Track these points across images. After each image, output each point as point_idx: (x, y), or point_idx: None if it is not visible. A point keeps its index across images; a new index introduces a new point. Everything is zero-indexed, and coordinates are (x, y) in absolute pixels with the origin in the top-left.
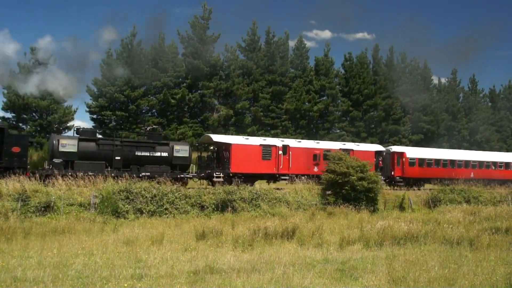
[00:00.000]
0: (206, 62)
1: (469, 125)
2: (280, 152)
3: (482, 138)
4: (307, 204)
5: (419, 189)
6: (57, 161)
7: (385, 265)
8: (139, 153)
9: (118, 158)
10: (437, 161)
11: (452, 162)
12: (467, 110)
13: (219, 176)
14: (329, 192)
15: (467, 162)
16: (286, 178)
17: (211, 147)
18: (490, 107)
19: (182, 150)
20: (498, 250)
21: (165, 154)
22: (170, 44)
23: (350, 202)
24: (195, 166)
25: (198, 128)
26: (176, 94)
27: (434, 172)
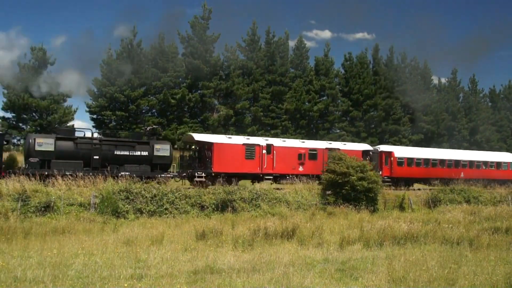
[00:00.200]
0: (206, 62)
1: (469, 125)
2: (264, 151)
3: (482, 138)
4: (307, 204)
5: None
6: (33, 160)
7: (385, 265)
8: (119, 152)
9: (97, 157)
10: (426, 160)
11: (442, 161)
12: (467, 110)
13: (201, 176)
14: (329, 192)
15: (457, 161)
16: (270, 178)
17: (193, 147)
18: (490, 107)
19: (163, 149)
20: (498, 250)
21: (145, 153)
22: (170, 44)
23: (350, 202)
24: (177, 166)
25: (198, 128)
26: (176, 94)
27: (423, 172)
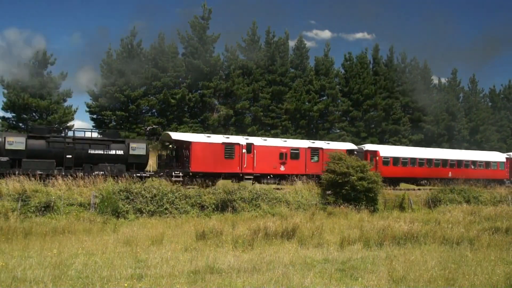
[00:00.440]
0: (206, 62)
1: (469, 125)
2: (244, 150)
3: (482, 138)
4: (307, 204)
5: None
6: (3, 159)
7: (385, 265)
8: (92, 151)
9: (70, 157)
10: (412, 160)
11: (429, 161)
12: (467, 110)
13: (178, 175)
14: (329, 192)
15: (445, 161)
16: (251, 177)
17: (170, 145)
18: (490, 107)
19: (139, 148)
20: (498, 250)
21: (120, 152)
22: (170, 44)
23: (350, 202)
24: (155, 165)
25: (198, 128)
26: (176, 94)
27: (409, 171)
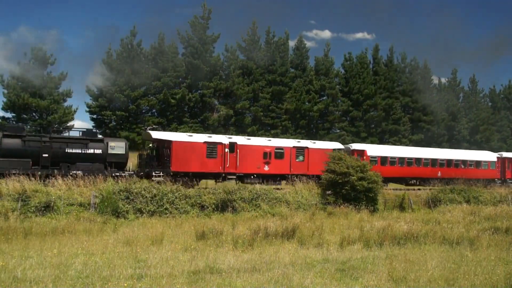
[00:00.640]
0: (206, 62)
1: (469, 125)
2: (226, 150)
3: (482, 138)
4: (307, 204)
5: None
6: None
7: (385, 265)
8: (70, 150)
9: (46, 156)
10: (401, 159)
11: (417, 160)
12: (467, 110)
13: (159, 175)
14: (329, 192)
15: (434, 160)
16: (234, 177)
17: (150, 145)
18: (490, 107)
19: (118, 147)
20: (498, 250)
21: (98, 151)
22: (170, 44)
23: (350, 202)
24: (134, 164)
25: (198, 128)
26: (176, 94)
27: (398, 171)
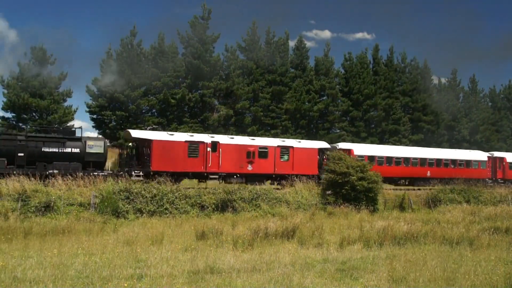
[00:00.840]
0: (206, 62)
1: (469, 125)
2: (208, 149)
3: (482, 138)
4: (307, 204)
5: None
6: None
7: (385, 265)
8: (47, 149)
9: (21, 155)
10: (389, 158)
11: (406, 160)
12: (467, 110)
13: (139, 174)
14: (329, 192)
15: (423, 160)
16: (216, 177)
17: (130, 144)
18: (490, 107)
19: (96, 146)
20: (498, 250)
21: (76, 150)
22: (170, 44)
23: (350, 202)
24: (113, 164)
25: (198, 128)
26: (176, 94)
27: (385, 170)
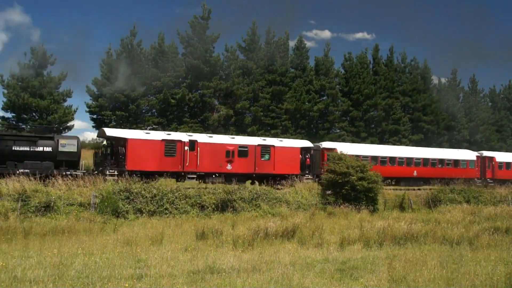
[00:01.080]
0: (206, 62)
1: (469, 125)
2: (186, 148)
3: (482, 138)
4: (307, 204)
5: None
6: None
7: (385, 265)
8: (17, 147)
9: None
10: (374, 158)
11: (392, 159)
12: (467, 110)
13: (113, 174)
14: (329, 192)
15: (410, 159)
16: (194, 176)
17: (104, 142)
18: (490, 107)
19: (69, 144)
20: (498, 250)
21: (48, 149)
22: (170, 44)
23: (350, 202)
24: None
25: (198, 128)
26: (176, 94)
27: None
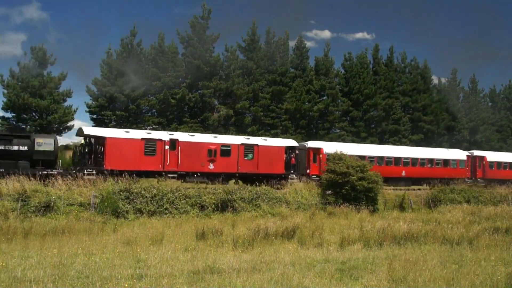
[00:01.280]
0: (206, 62)
1: (469, 125)
2: (167, 147)
3: (482, 138)
4: (307, 204)
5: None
6: None
7: (385, 265)
8: None
9: None
10: (361, 157)
11: (379, 158)
12: (467, 110)
13: (91, 173)
14: (329, 192)
15: (398, 159)
16: (175, 176)
17: (82, 141)
18: (490, 107)
19: (46, 143)
20: (498, 250)
21: (24, 148)
22: (170, 44)
23: (350, 202)
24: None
25: (198, 128)
26: (176, 94)
27: None
